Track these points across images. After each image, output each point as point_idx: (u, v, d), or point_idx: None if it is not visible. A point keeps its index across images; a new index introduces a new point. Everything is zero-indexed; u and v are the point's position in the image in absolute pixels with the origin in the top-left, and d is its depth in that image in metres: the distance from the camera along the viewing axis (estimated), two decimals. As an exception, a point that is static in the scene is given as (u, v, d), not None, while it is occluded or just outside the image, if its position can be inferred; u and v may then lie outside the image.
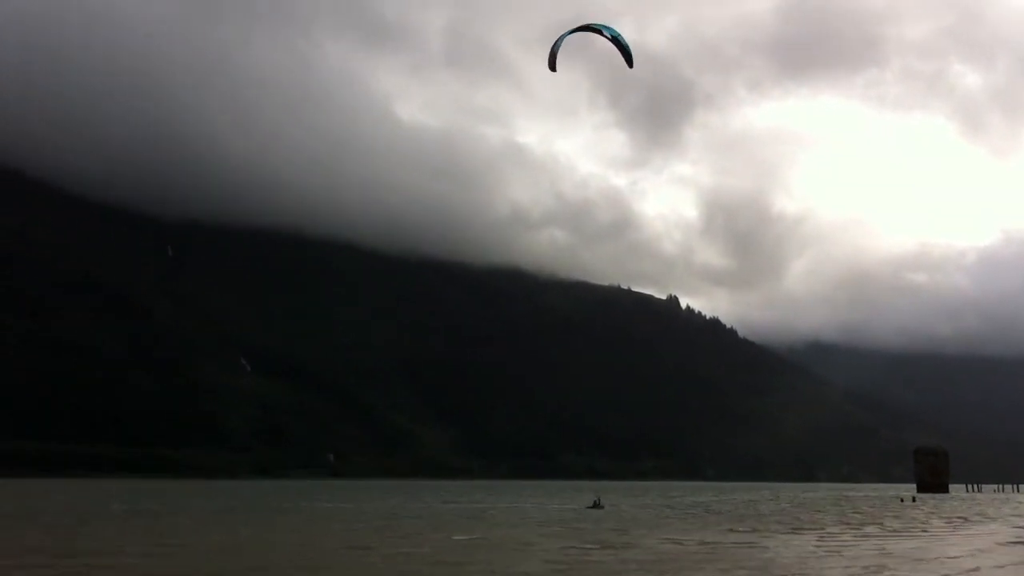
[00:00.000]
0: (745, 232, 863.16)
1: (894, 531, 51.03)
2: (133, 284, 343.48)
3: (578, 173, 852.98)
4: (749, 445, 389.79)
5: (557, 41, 29.54)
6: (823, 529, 51.96)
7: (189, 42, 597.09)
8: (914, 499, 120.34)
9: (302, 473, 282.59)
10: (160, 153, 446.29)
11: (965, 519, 67.03)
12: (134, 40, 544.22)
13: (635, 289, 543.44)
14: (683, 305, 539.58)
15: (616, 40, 29.65)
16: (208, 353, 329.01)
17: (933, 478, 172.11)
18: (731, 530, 49.90)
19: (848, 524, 57.83)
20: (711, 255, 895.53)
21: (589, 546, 38.84)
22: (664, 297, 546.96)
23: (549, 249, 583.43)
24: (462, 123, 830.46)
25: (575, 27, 29.61)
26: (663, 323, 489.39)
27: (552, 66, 29.66)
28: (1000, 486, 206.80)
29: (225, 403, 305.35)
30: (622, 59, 30.22)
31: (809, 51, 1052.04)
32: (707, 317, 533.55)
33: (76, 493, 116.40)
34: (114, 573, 29.69)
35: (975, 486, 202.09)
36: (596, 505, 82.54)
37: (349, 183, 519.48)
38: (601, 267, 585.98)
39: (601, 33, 29.58)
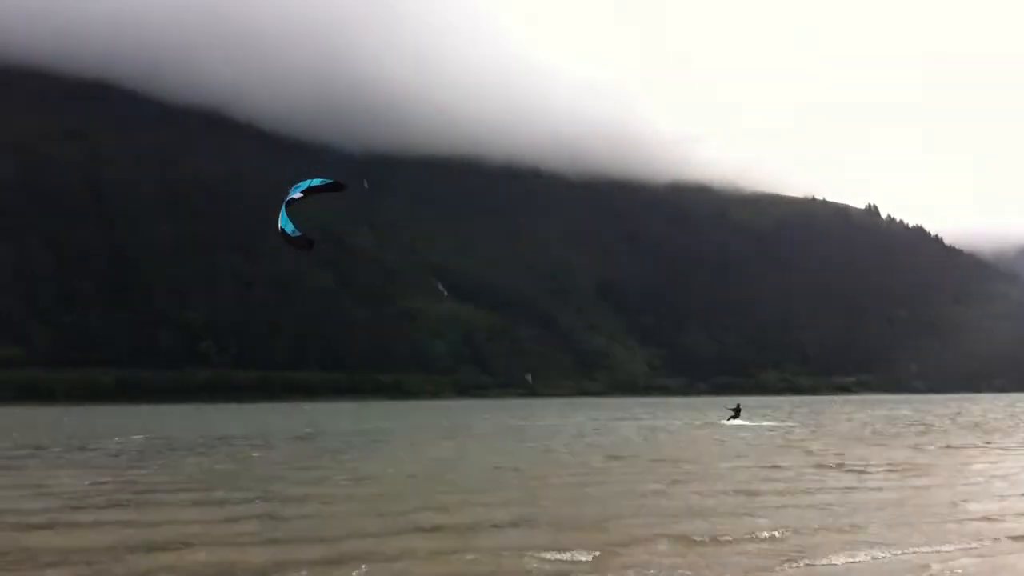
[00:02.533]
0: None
1: None
2: (335, 217, 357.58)
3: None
4: (960, 356, 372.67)
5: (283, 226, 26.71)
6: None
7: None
8: None
9: (501, 393, 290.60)
10: (344, 91, 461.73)
11: None
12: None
13: (830, 200, 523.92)
14: (883, 214, 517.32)
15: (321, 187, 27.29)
16: (409, 281, 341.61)
17: None
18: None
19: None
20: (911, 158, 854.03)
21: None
22: (862, 207, 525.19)
23: (735, 162, 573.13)
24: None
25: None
26: (862, 234, 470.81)
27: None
28: None
29: (427, 328, 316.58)
30: None
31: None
32: (909, 226, 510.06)
33: (304, 415, 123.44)
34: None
35: None
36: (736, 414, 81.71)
37: (524, 108, 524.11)
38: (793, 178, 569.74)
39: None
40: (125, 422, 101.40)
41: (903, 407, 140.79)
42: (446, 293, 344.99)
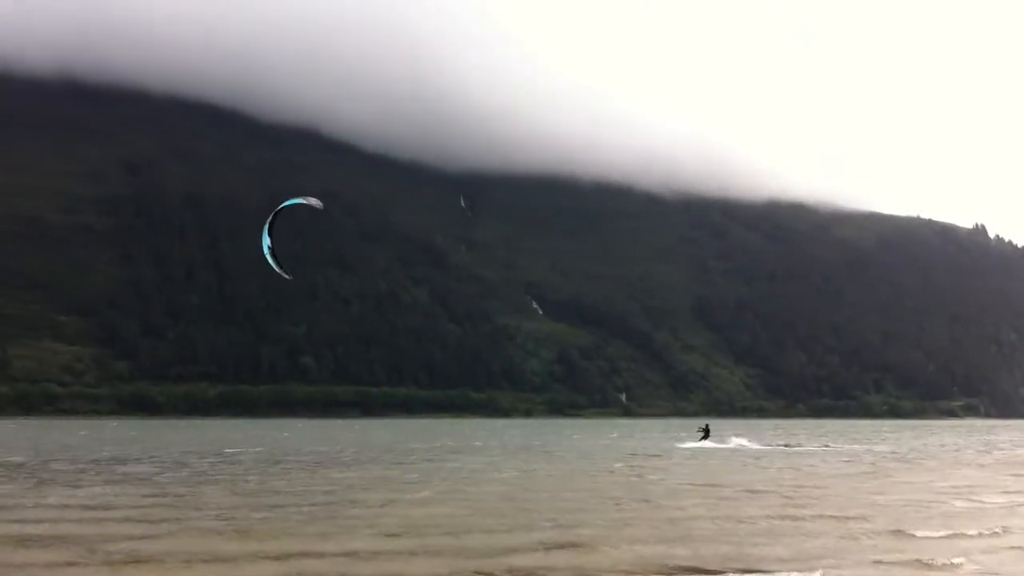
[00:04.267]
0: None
1: None
2: (431, 234, 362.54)
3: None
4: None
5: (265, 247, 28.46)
6: None
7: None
8: None
9: (595, 413, 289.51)
10: (439, 110, 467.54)
11: None
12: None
13: (936, 219, 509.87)
14: (991, 234, 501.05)
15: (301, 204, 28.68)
16: (504, 298, 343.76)
17: None
18: None
19: None
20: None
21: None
22: (969, 226, 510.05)
23: (834, 179, 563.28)
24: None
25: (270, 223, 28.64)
26: (968, 253, 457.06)
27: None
28: None
29: (521, 346, 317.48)
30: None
31: None
32: (1019, 246, 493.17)
33: (406, 430, 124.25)
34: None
35: None
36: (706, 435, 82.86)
37: (615, 126, 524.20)
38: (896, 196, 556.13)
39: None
40: (243, 434, 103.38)
41: (973, 434, 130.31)
42: (540, 311, 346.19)
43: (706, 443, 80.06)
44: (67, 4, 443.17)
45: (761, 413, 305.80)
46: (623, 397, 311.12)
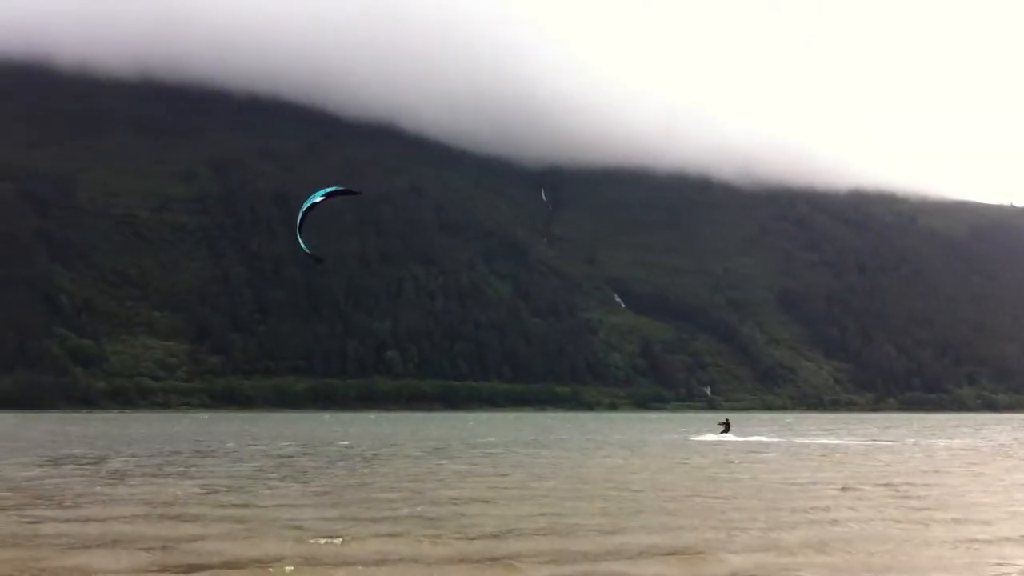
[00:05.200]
0: None
1: None
2: (514, 229, 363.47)
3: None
4: None
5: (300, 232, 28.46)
6: None
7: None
8: None
9: (680, 407, 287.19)
10: (519, 105, 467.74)
11: None
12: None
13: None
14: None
15: (335, 193, 28.33)
16: (587, 292, 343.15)
17: None
18: None
19: None
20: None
21: None
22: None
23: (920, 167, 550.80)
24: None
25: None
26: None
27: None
28: None
29: (604, 340, 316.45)
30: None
31: None
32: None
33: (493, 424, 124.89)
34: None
35: None
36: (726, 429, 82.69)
37: (691, 117, 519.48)
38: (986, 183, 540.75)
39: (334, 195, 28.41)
40: (340, 427, 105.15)
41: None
42: (623, 305, 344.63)
43: (728, 436, 79.75)
44: (146, 6, 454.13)
45: (850, 407, 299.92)
46: (708, 391, 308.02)
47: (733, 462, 48.35)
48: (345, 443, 69.26)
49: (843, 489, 33.37)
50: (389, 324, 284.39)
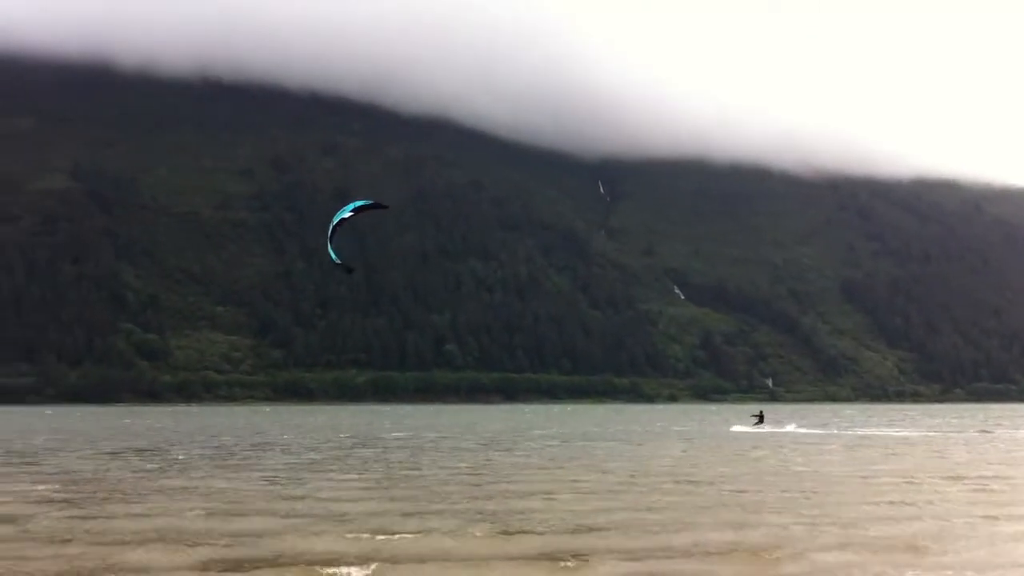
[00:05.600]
0: None
1: None
2: (572, 221, 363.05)
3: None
4: None
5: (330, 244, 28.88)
6: None
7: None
8: None
9: (741, 398, 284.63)
10: (576, 98, 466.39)
11: None
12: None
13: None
14: None
15: (364, 207, 28.17)
16: (646, 284, 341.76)
17: None
18: None
19: None
20: None
21: None
22: None
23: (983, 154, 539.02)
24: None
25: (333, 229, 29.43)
26: None
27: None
28: None
29: (664, 331, 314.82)
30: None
31: None
32: None
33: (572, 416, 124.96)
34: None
35: None
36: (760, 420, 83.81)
37: (747, 107, 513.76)
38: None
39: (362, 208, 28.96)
40: (403, 420, 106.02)
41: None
42: (682, 296, 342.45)
43: (763, 428, 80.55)
44: (206, 7, 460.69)
45: (915, 398, 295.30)
46: (770, 382, 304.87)
47: (785, 452, 47.92)
48: (404, 434, 69.83)
49: (910, 482, 32.71)
50: (448, 317, 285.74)
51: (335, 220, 29.51)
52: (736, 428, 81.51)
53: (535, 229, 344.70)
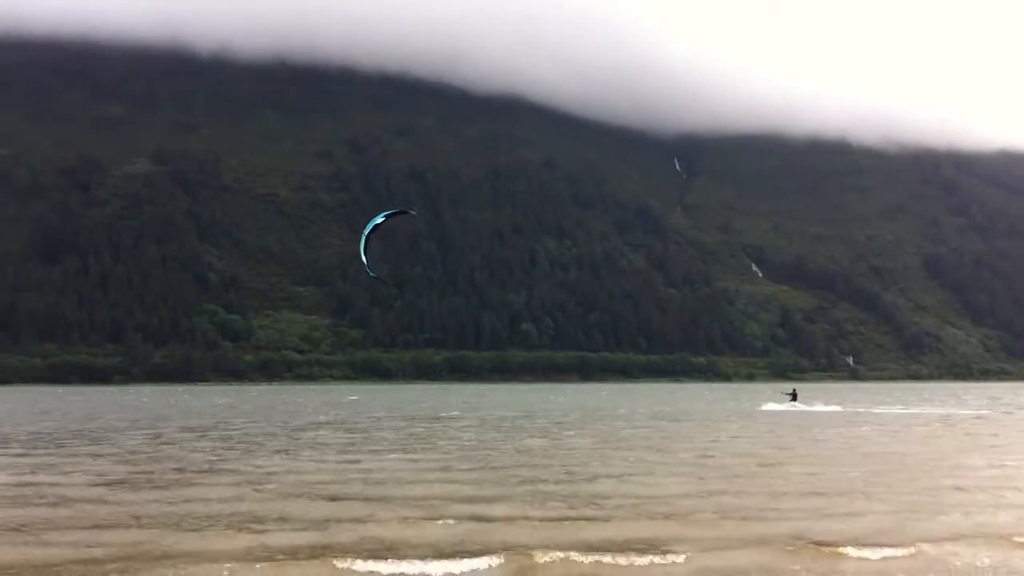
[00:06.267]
0: None
1: None
2: (647, 199, 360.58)
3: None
4: None
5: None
6: None
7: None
8: None
9: (820, 376, 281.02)
10: (650, 75, 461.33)
11: None
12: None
13: None
14: None
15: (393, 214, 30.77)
16: (722, 261, 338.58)
17: None
18: None
19: None
20: None
21: None
22: None
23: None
24: None
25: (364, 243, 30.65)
26: None
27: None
28: None
29: (741, 309, 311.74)
30: None
31: None
32: None
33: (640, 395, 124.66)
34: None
35: None
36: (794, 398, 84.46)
37: (823, 81, 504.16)
38: None
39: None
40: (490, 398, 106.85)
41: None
42: (760, 274, 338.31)
43: (797, 405, 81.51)
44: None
45: (1001, 376, 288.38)
46: (850, 360, 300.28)
47: (848, 431, 47.30)
48: (482, 413, 70.46)
49: (996, 465, 31.97)
50: (523, 296, 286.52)
51: (367, 230, 30.49)
52: (768, 407, 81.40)
53: (610, 207, 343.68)
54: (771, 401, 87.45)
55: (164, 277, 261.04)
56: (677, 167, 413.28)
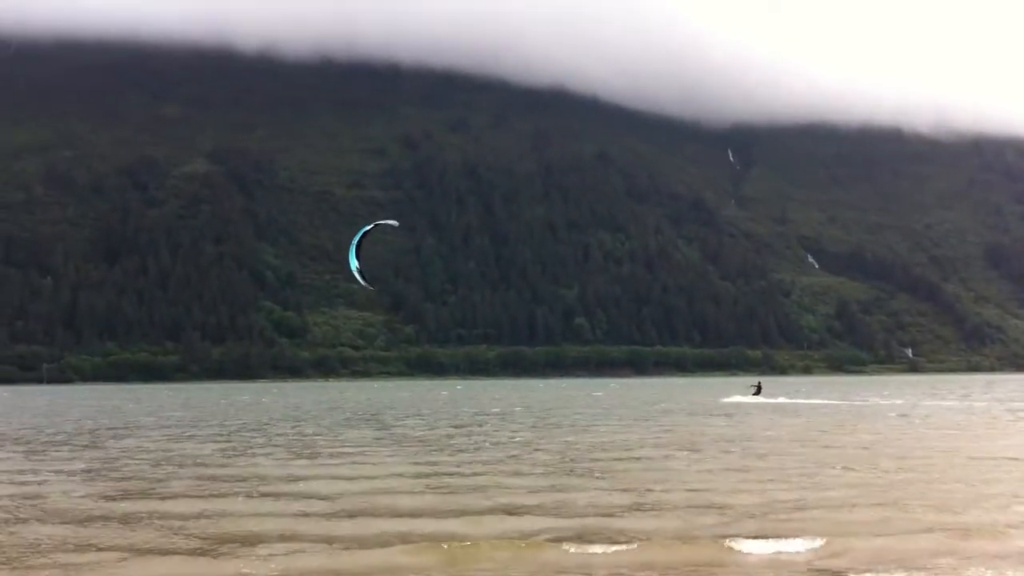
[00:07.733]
0: None
1: None
2: (700, 191, 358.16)
3: None
4: None
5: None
6: None
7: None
8: None
9: (879, 369, 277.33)
10: (696, 65, 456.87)
11: None
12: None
13: None
14: None
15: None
16: (777, 253, 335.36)
17: None
18: None
19: None
20: None
21: None
22: None
23: None
24: None
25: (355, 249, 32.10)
26: None
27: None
28: None
29: (797, 301, 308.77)
30: None
31: None
32: None
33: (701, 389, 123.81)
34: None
35: None
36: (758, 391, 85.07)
37: (875, 68, 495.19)
38: None
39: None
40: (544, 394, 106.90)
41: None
42: (816, 265, 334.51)
43: (758, 398, 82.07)
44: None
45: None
46: (909, 352, 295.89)
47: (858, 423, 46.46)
48: (541, 409, 70.36)
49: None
50: (577, 291, 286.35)
51: (356, 238, 31.55)
52: (733, 399, 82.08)
53: (663, 200, 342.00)
54: (737, 394, 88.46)
55: (221, 275, 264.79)
56: (731, 158, 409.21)
